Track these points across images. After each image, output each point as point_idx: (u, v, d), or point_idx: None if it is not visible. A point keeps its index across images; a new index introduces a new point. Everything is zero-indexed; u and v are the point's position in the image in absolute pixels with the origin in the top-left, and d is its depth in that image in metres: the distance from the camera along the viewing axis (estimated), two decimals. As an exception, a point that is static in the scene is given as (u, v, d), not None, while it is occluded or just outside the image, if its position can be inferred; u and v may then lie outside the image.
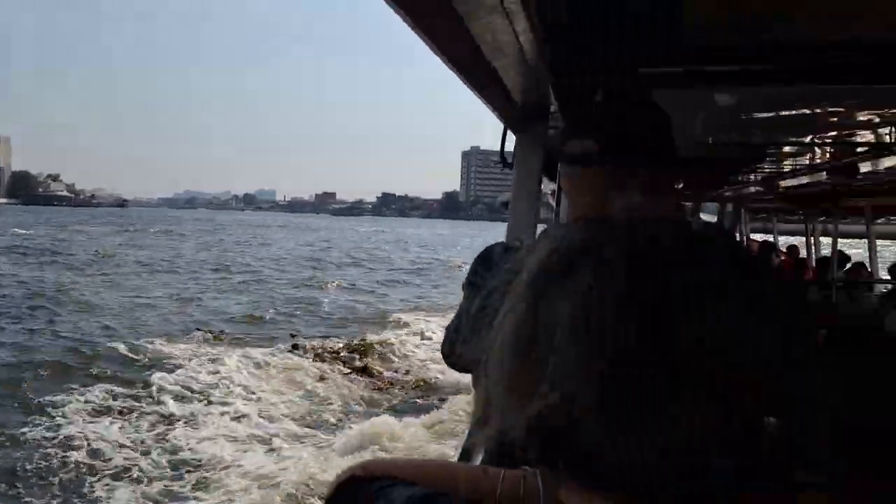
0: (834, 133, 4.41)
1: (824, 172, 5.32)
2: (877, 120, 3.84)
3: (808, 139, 4.88)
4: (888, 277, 7.92)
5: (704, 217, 17.09)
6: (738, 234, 15.35)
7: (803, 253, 11.99)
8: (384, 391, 14.24)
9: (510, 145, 2.23)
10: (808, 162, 5.58)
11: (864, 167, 5.16)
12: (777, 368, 0.54)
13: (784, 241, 14.19)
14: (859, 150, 4.55)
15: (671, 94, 2.92)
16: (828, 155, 5.07)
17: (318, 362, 15.42)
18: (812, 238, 11.82)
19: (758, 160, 4.76)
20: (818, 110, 3.71)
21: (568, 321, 0.51)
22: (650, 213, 1.24)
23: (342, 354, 16.16)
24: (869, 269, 8.79)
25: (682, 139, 4.42)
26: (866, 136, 4.25)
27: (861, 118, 3.86)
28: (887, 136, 3.96)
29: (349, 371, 15.14)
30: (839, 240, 8.38)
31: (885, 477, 2.87)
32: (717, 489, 0.51)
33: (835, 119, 3.99)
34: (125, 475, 9.32)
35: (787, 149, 5.23)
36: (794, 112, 3.79)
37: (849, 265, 8.13)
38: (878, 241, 10.38)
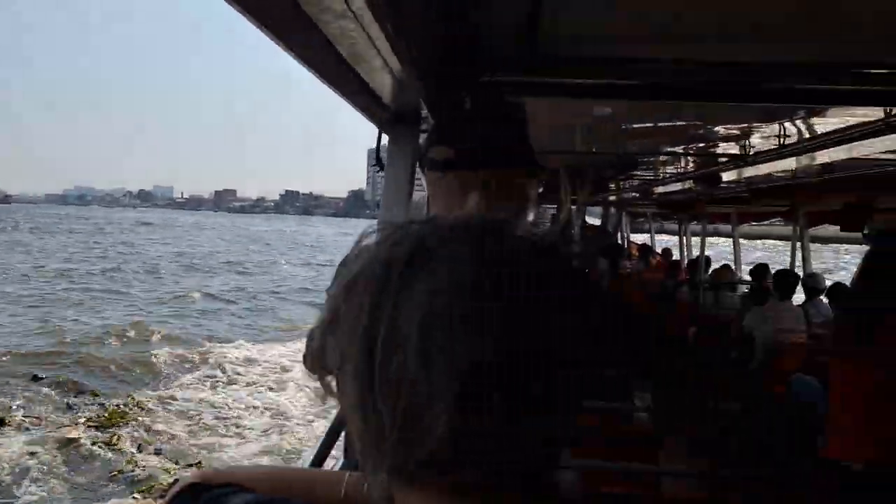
0: (701, 144, 4.70)
1: (691, 181, 5.67)
2: (736, 133, 4.14)
3: (679, 149, 5.19)
4: (749, 279, 8.55)
5: (590, 220, 17.87)
6: (620, 237, 16.18)
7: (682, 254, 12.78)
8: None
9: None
10: (677, 171, 5.95)
11: (726, 176, 5.57)
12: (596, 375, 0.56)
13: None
14: (721, 160, 4.88)
15: (547, 104, 3.03)
16: (692, 165, 5.42)
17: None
18: (685, 240, 12.59)
19: (632, 168, 5.02)
20: (685, 123, 3.95)
21: (413, 321, 0.50)
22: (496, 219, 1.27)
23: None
24: (733, 271, 9.48)
25: (561, 147, 4.58)
26: (727, 148, 4.57)
27: (722, 132, 4.15)
28: (743, 150, 4.28)
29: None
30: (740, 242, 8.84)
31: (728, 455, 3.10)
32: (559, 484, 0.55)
33: (701, 132, 4.26)
34: None
35: (660, 158, 5.53)
36: (666, 124, 4.02)
37: (714, 267, 8.74)
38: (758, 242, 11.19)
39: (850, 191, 5.51)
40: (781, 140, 3.59)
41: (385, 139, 2.12)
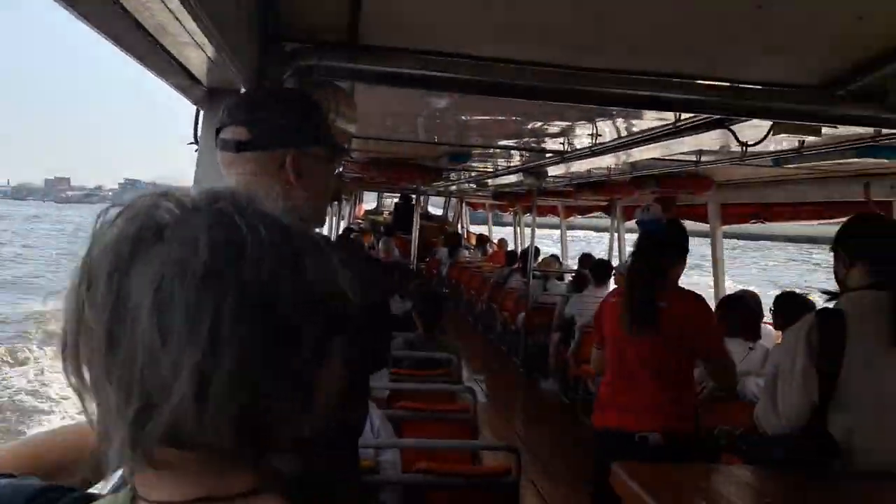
0: (528, 140, 4.96)
1: (521, 174, 6.00)
2: (558, 131, 4.43)
3: (509, 143, 5.45)
4: (576, 268, 9.18)
5: (432, 209, 18.24)
6: (460, 226, 16.70)
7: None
8: None
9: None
10: (508, 164, 6.27)
11: (552, 171, 5.95)
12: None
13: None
14: (547, 156, 5.19)
15: (381, 92, 3.07)
16: (521, 159, 5.74)
17: None
18: (518, 230, 13.25)
19: (465, 159, 5.21)
20: (513, 119, 4.15)
21: (146, 296, 0.50)
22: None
23: None
24: (561, 261, 10.15)
25: (395, 136, 4.62)
26: (551, 145, 4.88)
27: (546, 129, 4.42)
28: (563, 147, 4.60)
29: None
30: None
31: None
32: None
33: (528, 128, 4.50)
34: None
35: (492, 151, 5.76)
36: (496, 118, 4.20)
37: (542, 257, 9.32)
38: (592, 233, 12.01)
39: (658, 186, 6.10)
40: (594, 139, 3.91)
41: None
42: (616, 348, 2.80)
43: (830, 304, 2.20)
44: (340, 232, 12.46)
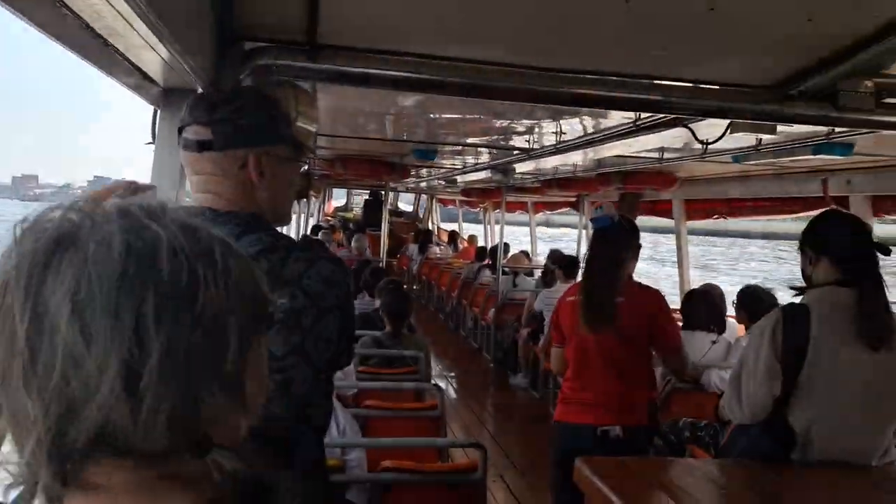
0: (495, 137, 4.97)
1: (490, 171, 6.02)
2: (524, 129, 4.45)
3: (476, 140, 5.46)
4: (545, 262, 9.24)
5: (402, 206, 18.21)
6: (431, 223, 16.69)
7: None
8: None
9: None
10: (476, 161, 6.28)
11: (520, 168, 5.98)
12: None
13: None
14: (514, 153, 5.21)
15: (345, 91, 3.06)
16: (489, 156, 5.75)
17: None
18: (489, 227, 13.30)
19: (432, 156, 5.21)
20: (479, 116, 4.16)
21: (63, 305, 0.50)
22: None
23: None
24: (530, 257, 10.22)
25: (360, 133, 4.59)
26: (517, 142, 4.90)
27: (513, 127, 4.44)
28: (529, 144, 4.63)
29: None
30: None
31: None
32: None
33: (496, 125, 4.51)
34: None
35: (459, 148, 5.77)
36: (463, 116, 4.21)
37: (511, 253, 9.38)
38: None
39: (622, 183, 6.18)
40: (559, 137, 3.94)
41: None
42: (577, 345, 2.84)
43: (797, 300, 2.26)
44: (309, 229, 12.38)
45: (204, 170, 1.29)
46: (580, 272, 2.95)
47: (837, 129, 2.90)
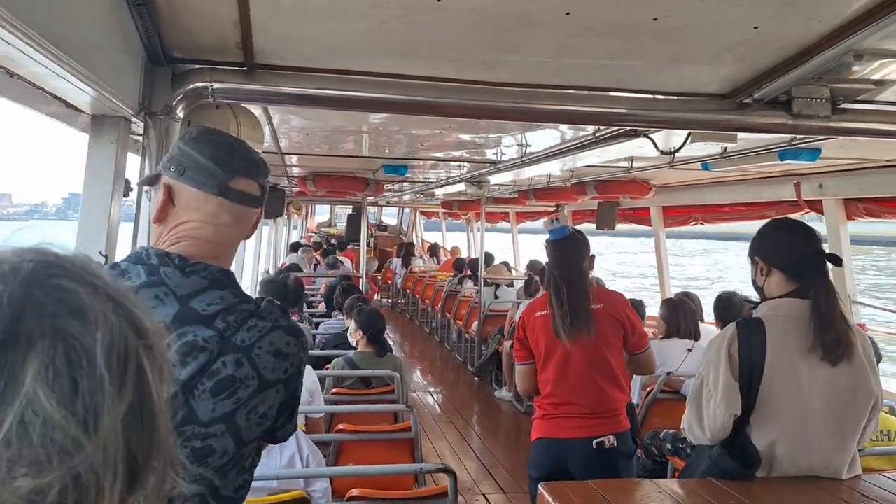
0: (464, 151, 4.92)
1: (463, 183, 5.98)
2: (488, 142, 4.41)
3: (447, 154, 5.41)
4: (526, 273, 9.20)
5: (386, 219, 18.16)
6: (414, 236, 16.64)
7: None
8: None
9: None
10: (449, 174, 6.23)
11: (495, 179, 5.94)
12: None
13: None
14: (485, 166, 5.17)
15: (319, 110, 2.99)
16: (465, 169, 5.71)
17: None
18: (472, 237, 13.25)
19: (402, 171, 5.16)
20: (443, 131, 4.11)
21: None
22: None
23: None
24: (512, 268, 10.16)
25: (334, 151, 4.52)
26: (487, 154, 4.86)
27: (480, 140, 4.39)
28: (496, 156, 4.58)
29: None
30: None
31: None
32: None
33: (464, 139, 4.47)
34: None
35: (431, 162, 5.72)
36: (433, 131, 4.16)
37: (494, 264, 9.31)
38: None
39: (598, 191, 6.15)
40: (524, 149, 3.89)
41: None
42: (557, 359, 2.78)
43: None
44: (289, 245, 12.28)
45: (222, 221, 1.26)
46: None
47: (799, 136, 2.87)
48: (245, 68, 1.94)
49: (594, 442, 2.69)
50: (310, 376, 3.64)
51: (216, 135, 1.32)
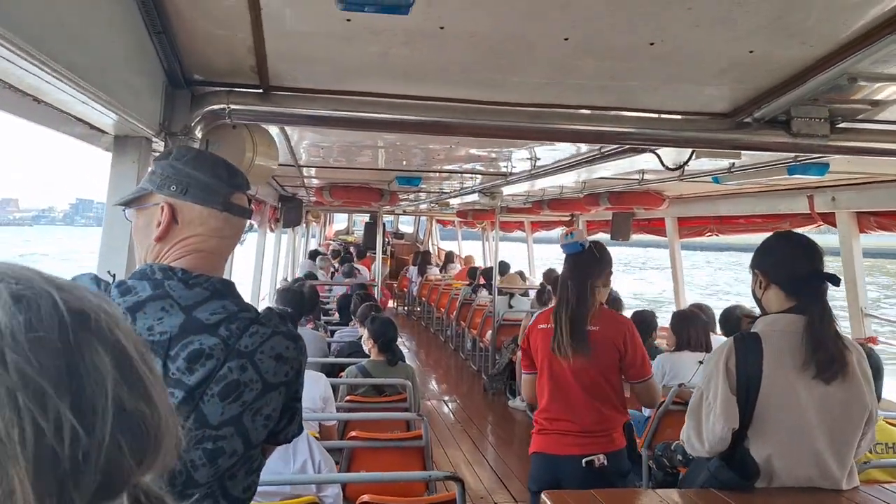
0: (475, 164, 4.98)
1: (476, 194, 6.05)
2: (499, 156, 4.46)
3: (460, 167, 5.48)
4: (540, 281, 9.22)
5: (402, 227, 18.26)
6: (430, 244, 16.72)
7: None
8: None
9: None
10: (462, 185, 6.30)
11: (508, 190, 5.99)
12: None
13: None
14: (496, 179, 5.23)
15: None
16: (473, 181, 5.78)
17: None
18: (487, 246, 13.29)
19: (416, 182, 5.24)
20: (453, 146, 4.18)
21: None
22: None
23: None
24: (526, 277, 10.18)
25: (352, 164, 4.58)
26: (499, 167, 4.92)
27: (491, 154, 4.45)
28: (510, 170, 4.65)
29: None
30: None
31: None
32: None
33: (474, 153, 4.53)
34: None
35: (444, 174, 5.79)
36: (444, 146, 4.23)
37: (509, 273, 9.34)
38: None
39: (611, 202, 6.19)
40: (534, 163, 3.96)
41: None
42: (551, 374, 2.82)
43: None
44: (307, 254, 12.39)
45: (225, 234, 1.35)
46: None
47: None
48: (260, 90, 2.04)
49: (584, 461, 2.70)
50: (324, 385, 3.71)
51: (209, 154, 1.41)
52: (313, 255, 11.84)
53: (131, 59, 1.64)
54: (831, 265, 2.31)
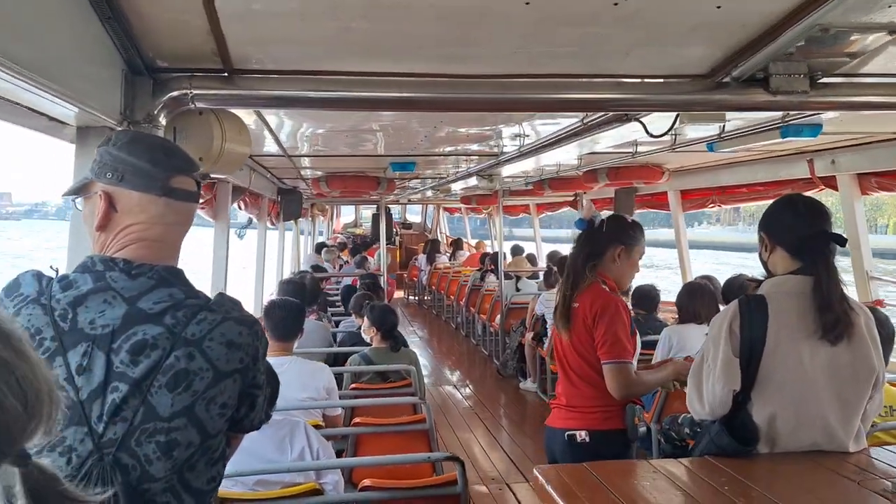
0: (467, 145, 4.93)
1: (474, 177, 6.00)
2: (487, 136, 4.40)
3: (454, 149, 5.43)
4: (546, 265, 9.18)
5: (410, 217, 18.25)
6: (438, 232, 16.70)
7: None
8: None
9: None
10: (457, 169, 6.26)
11: (506, 170, 5.94)
12: None
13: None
14: (500, 159, 5.18)
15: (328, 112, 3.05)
16: (468, 163, 5.73)
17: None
18: (492, 231, 13.24)
19: (410, 167, 5.20)
20: (436, 126, 4.12)
21: None
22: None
23: None
24: (534, 261, 10.14)
25: (347, 152, 4.55)
26: (490, 148, 4.86)
27: (480, 133, 4.39)
28: (499, 150, 4.59)
29: None
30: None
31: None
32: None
33: (463, 133, 4.47)
34: None
35: (437, 158, 5.74)
36: (430, 128, 4.19)
37: (512, 258, 9.32)
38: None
39: (609, 178, 6.12)
40: (522, 140, 3.91)
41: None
42: (555, 347, 2.86)
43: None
44: (314, 246, 12.43)
45: (169, 220, 1.31)
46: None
47: (792, 112, 2.84)
48: (225, 74, 2.01)
49: (566, 434, 2.68)
50: (327, 375, 3.71)
51: (147, 137, 1.37)
52: (319, 248, 11.87)
53: (85, 48, 1.62)
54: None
